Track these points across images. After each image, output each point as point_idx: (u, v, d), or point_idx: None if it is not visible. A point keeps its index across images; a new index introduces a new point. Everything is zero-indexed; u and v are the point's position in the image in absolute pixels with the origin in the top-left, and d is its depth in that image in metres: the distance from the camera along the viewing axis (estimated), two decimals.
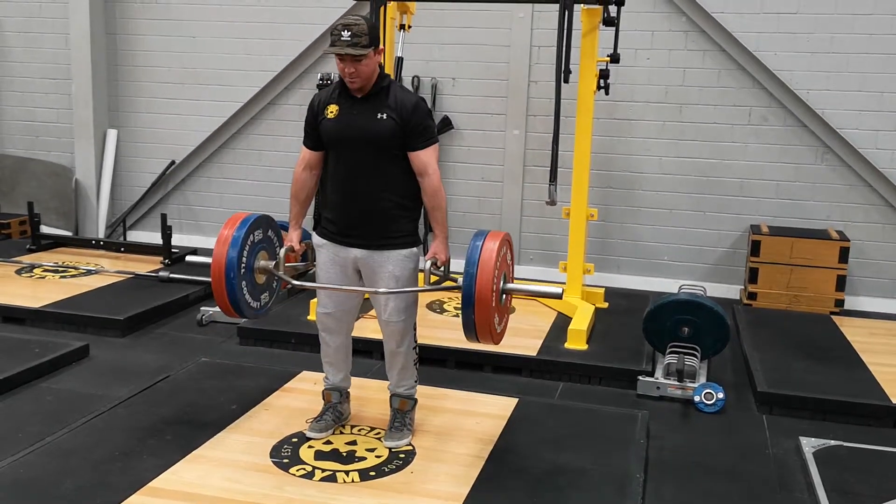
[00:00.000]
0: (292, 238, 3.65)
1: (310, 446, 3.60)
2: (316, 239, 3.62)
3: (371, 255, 3.47)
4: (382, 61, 3.46)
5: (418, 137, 3.38)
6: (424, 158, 3.40)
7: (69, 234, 7.67)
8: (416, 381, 3.72)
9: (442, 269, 3.47)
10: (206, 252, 7.32)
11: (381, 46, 3.37)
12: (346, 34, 3.24)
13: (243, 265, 3.48)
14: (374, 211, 3.44)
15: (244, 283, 3.50)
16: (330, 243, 3.55)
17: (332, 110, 3.43)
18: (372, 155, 3.40)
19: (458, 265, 3.29)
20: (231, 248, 3.43)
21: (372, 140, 3.38)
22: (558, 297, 3.39)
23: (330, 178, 3.54)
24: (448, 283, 3.47)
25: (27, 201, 7.15)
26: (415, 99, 3.42)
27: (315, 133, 3.51)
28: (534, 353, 4.85)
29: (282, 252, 3.61)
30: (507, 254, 3.37)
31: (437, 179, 3.43)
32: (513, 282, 3.43)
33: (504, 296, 3.35)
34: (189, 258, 3.85)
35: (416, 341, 3.63)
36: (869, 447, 3.87)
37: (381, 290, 3.46)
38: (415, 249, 3.54)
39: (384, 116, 3.36)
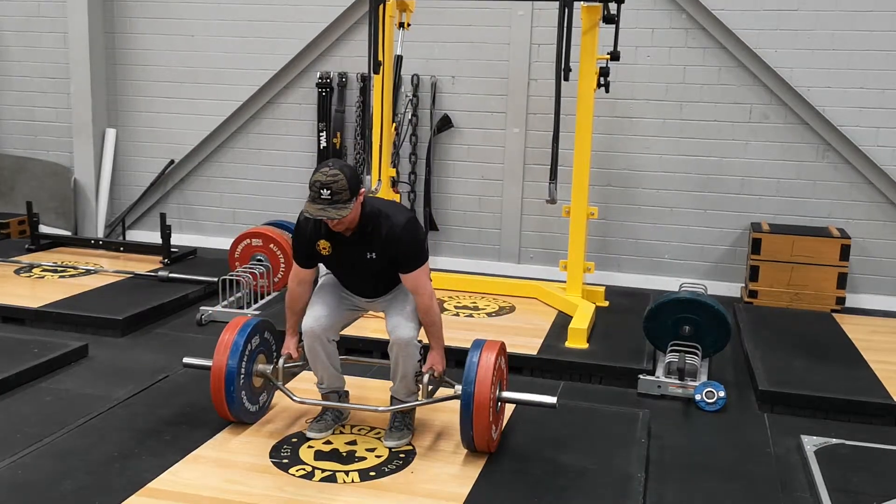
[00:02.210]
0: (290, 346, 3.77)
1: (309, 446, 3.59)
2: (327, 277, 3.75)
3: (380, 299, 3.72)
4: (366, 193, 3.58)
5: (407, 263, 3.49)
6: (414, 280, 3.51)
7: (68, 233, 7.66)
8: (416, 391, 3.71)
9: (439, 379, 3.62)
10: (206, 252, 7.33)
11: (363, 189, 3.38)
12: (325, 193, 3.24)
13: (243, 373, 3.61)
14: (378, 290, 3.68)
15: (243, 392, 3.64)
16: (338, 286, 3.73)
17: (325, 247, 3.53)
18: (370, 276, 3.60)
19: (456, 264, 3.28)
20: (231, 358, 3.56)
21: (366, 270, 3.55)
22: (552, 406, 3.54)
23: (334, 274, 3.73)
24: (446, 392, 3.62)
25: (26, 201, 7.14)
26: (399, 230, 3.43)
27: (308, 257, 3.61)
28: (534, 352, 4.84)
29: (280, 362, 3.73)
30: (501, 362, 3.54)
31: (429, 298, 3.54)
32: (507, 388, 3.62)
33: (499, 403, 3.55)
34: (186, 360, 3.85)
35: (420, 354, 3.63)
36: (870, 445, 3.85)
37: (380, 408, 3.67)
38: None
39: (373, 256, 3.48)
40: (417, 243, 3.49)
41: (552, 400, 3.53)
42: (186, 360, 3.86)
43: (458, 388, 3.41)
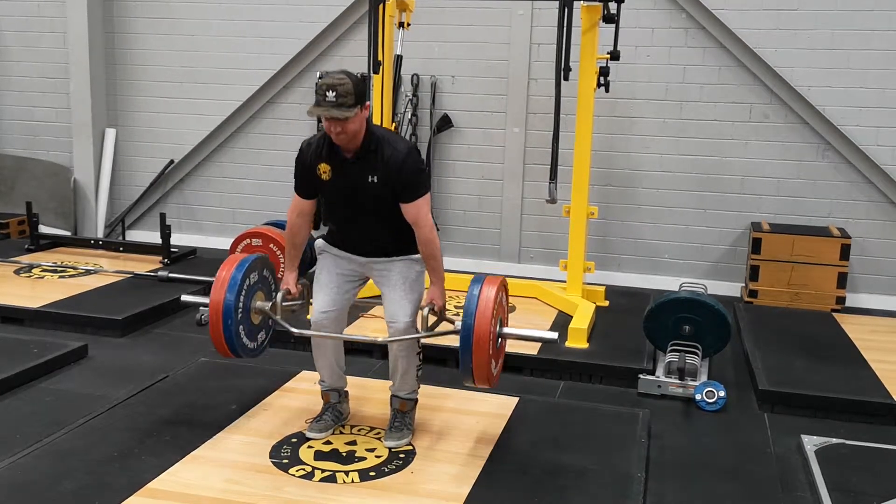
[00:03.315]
0: (289, 281, 3.70)
1: (309, 446, 3.59)
2: (320, 243, 3.67)
3: (378, 260, 3.56)
4: (372, 107, 3.47)
5: (409, 192, 3.41)
6: (415, 210, 3.43)
7: (68, 233, 7.66)
8: (417, 387, 3.71)
9: (439, 313, 3.53)
10: (206, 252, 7.33)
11: (368, 101, 3.35)
12: (330, 94, 3.22)
13: (240, 309, 3.53)
14: (377, 242, 3.55)
15: (241, 326, 3.56)
16: (334, 249, 3.62)
17: (325, 170, 3.46)
18: (368, 208, 3.48)
19: (456, 263, 3.28)
20: (229, 292, 3.47)
21: (366, 199, 3.45)
22: (554, 342, 3.51)
23: (331, 215, 3.63)
24: (446, 326, 3.53)
25: (26, 201, 7.14)
26: (402, 156, 3.39)
27: (308, 185, 3.55)
28: (534, 352, 4.83)
29: (279, 296, 3.65)
30: (503, 298, 3.47)
31: (430, 230, 3.46)
32: (508, 325, 3.53)
33: (500, 339, 3.46)
34: (185, 297, 3.85)
35: (419, 347, 3.62)
36: (871, 445, 3.85)
37: (378, 338, 3.57)
38: (419, 256, 3.57)
39: (374, 179, 3.40)
40: (419, 171, 3.43)
41: (553, 335, 3.47)
42: (184, 297, 3.85)
43: (459, 324, 3.30)
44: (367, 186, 3.41)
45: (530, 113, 6.86)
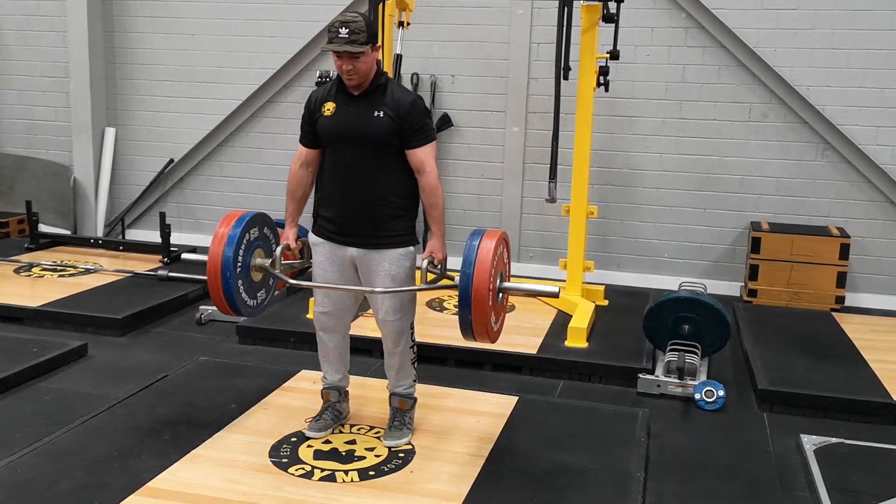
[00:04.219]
0: (289, 236, 3.64)
1: (309, 446, 3.59)
2: (312, 237, 3.61)
3: (367, 254, 3.46)
4: (380, 58, 3.44)
5: (415, 135, 3.36)
6: (422, 156, 3.38)
7: (67, 232, 7.66)
8: (414, 381, 3.71)
9: (439, 267, 3.45)
10: (206, 251, 7.33)
11: (379, 44, 3.35)
12: (343, 31, 3.22)
13: (239, 263, 3.46)
14: (372, 209, 3.43)
15: (240, 281, 3.48)
16: (326, 242, 3.54)
17: (329, 108, 3.42)
18: (369, 153, 3.38)
19: (456, 263, 3.28)
20: (227, 247, 3.41)
21: (369, 137, 3.36)
22: (555, 295, 3.43)
23: (327, 176, 3.52)
24: (445, 282, 3.44)
25: (25, 200, 7.14)
26: (412, 97, 3.41)
27: (312, 130, 3.50)
28: (534, 351, 4.84)
29: (278, 250, 3.60)
30: (503, 252, 3.36)
31: (435, 177, 3.40)
32: (509, 280, 3.43)
33: (501, 294, 3.35)
34: (185, 256, 3.83)
35: (413, 340, 3.62)
36: (870, 444, 3.85)
37: (377, 289, 3.45)
38: (411, 248, 3.51)
39: (381, 114, 3.34)
40: (426, 116, 3.42)
41: (555, 289, 3.43)
42: (186, 256, 3.84)
43: (458, 278, 3.19)
44: (373, 121, 3.34)
45: (530, 112, 6.86)
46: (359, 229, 3.45)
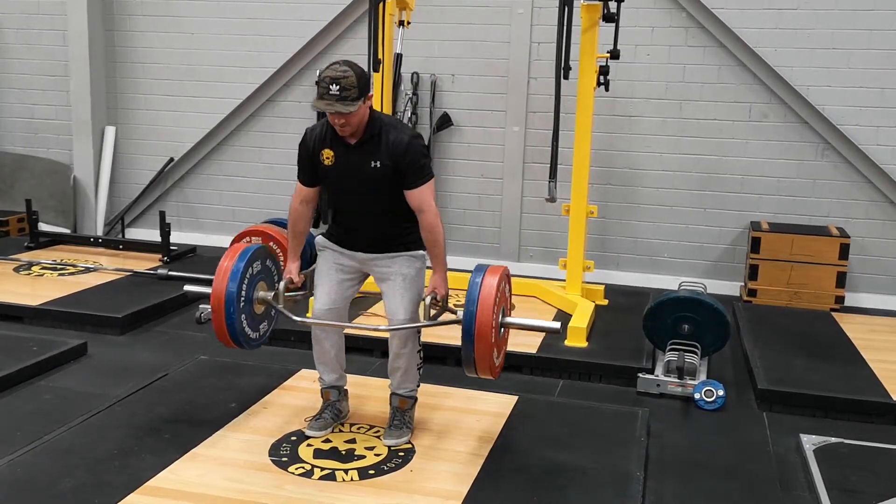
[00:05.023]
0: (291, 270, 3.68)
1: (309, 444, 3.59)
2: (320, 240, 3.65)
3: (378, 257, 3.54)
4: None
5: (413, 176, 3.40)
6: (420, 196, 3.41)
7: (67, 231, 7.66)
8: (417, 385, 3.71)
9: (441, 302, 3.50)
10: (206, 250, 7.33)
11: (371, 92, 3.34)
12: (334, 88, 3.20)
13: (243, 298, 3.52)
14: (381, 231, 3.53)
15: (244, 315, 3.55)
16: (335, 245, 3.61)
17: (329, 156, 3.45)
18: (373, 196, 3.47)
19: (456, 262, 3.28)
20: (231, 282, 3.47)
21: (370, 186, 3.43)
22: (556, 331, 3.49)
23: (332, 205, 3.62)
24: (448, 317, 3.50)
25: (25, 199, 7.14)
26: (407, 140, 3.38)
27: (312, 171, 3.54)
28: (534, 351, 4.84)
29: (281, 285, 3.64)
30: (505, 288, 3.44)
31: (433, 216, 3.44)
32: (511, 315, 3.50)
33: (503, 329, 3.44)
34: (188, 288, 3.83)
35: (420, 345, 3.63)
36: (870, 444, 3.85)
37: (381, 326, 3.54)
38: (421, 252, 3.58)
39: (377, 164, 3.38)
40: (423, 156, 3.42)
41: (556, 325, 3.47)
42: (187, 287, 3.83)
43: (461, 313, 3.28)
44: (370, 171, 3.39)
45: (530, 112, 6.86)
46: (369, 245, 3.55)
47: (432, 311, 3.44)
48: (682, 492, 3.45)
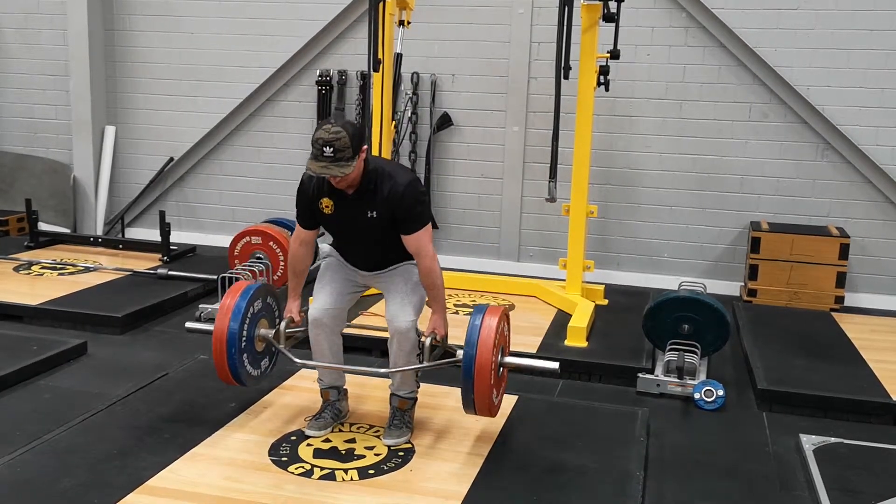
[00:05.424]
0: (292, 309, 3.73)
1: (308, 444, 3.59)
2: (326, 248, 3.72)
3: (380, 272, 3.64)
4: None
5: (409, 224, 3.44)
6: (417, 241, 3.46)
7: (67, 231, 7.66)
8: (417, 386, 3.71)
9: (441, 342, 3.57)
10: (206, 249, 7.32)
11: (365, 146, 3.36)
12: (328, 150, 3.22)
13: (244, 337, 3.57)
14: (379, 258, 3.62)
15: (245, 354, 3.60)
16: (340, 257, 3.69)
17: (327, 205, 3.50)
18: (371, 239, 3.54)
19: (455, 262, 3.28)
20: (232, 321, 3.52)
21: (367, 232, 3.51)
22: (555, 372, 3.55)
23: (335, 239, 3.70)
24: (448, 358, 3.57)
25: (25, 198, 7.14)
26: (402, 187, 3.40)
27: (310, 217, 3.59)
28: (534, 351, 4.84)
29: (282, 325, 3.69)
30: (504, 328, 3.50)
31: (430, 260, 3.48)
32: (509, 353, 3.57)
33: (501, 369, 3.51)
34: (188, 325, 3.86)
35: (420, 349, 3.63)
36: (869, 444, 3.85)
37: (380, 370, 3.62)
38: None
39: (374, 214, 3.44)
40: (420, 203, 3.45)
41: (554, 366, 3.51)
42: (189, 324, 3.85)
43: (460, 353, 3.36)
44: (368, 221, 3.46)
45: (530, 111, 6.86)
46: (371, 267, 3.65)
47: (432, 351, 3.52)
48: (682, 491, 3.45)
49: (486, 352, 3.30)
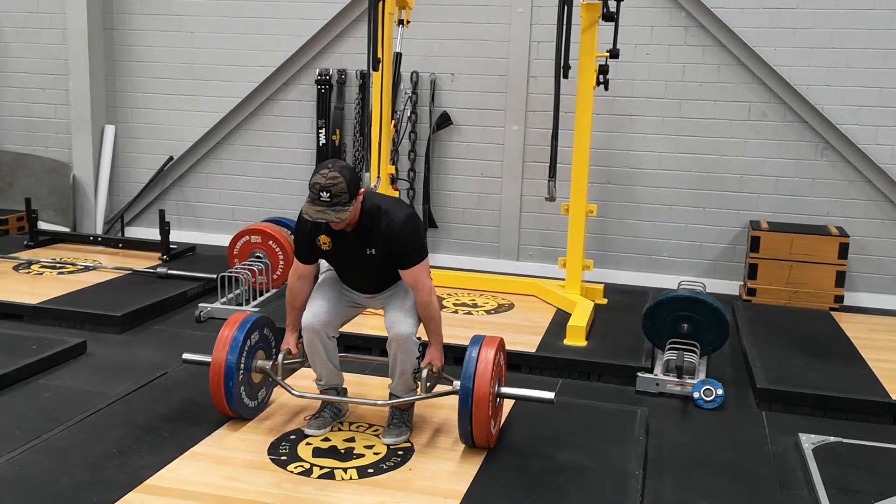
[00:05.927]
0: (290, 342, 3.76)
1: (308, 443, 3.59)
2: (325, 263, 3.73)
3: (379, 294, 3.70)
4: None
5: (406, 259, 3.49)
6: (414, 276, 3.51)
7: (67, 230, 7.66)
8: (415, 388, 3.71)
9: (438, 374, 3.62)
10: (205, 248, 7.33)
11: (362, 189, 3.39)
12: (325, 196, 3.25)
13: (241, 369, 3.60)
14: (377, 284, 3.67)
15: (242, 388, 3.63)
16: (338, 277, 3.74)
17: (326, 242, 3.54)
18: (369, 272, 3.60)
19: (455, 261, 3.28)
20: (230, 354, 3.56)
21: (366, 266, 3.56)
22: (551, 402, 3.56)
23: (335, 270, 3.73)
24: (446, 388, 3.62)
25: (25, 197, 7.15)
26: (399, 224, 3.43)
27: (308, 252, 3.62)
28: (533, 350, 4.84)
29: (280, 357, 3.71)
30: (500, 358, 3.55)
31: (428, 293, 3.53)
32: (505, 383, 3.62)
33: (498, 399, 3.56)
34: (186, 356, 3.86)
35: (419, 351, 3.64)
36: (868, 444, 3.86)
37: (378, 402, 3.66)
38: None
39: (373, 252, 3.48)
40: (417, 239, 3.50)
41: (550, 395, 3.54)
42: (186, 355, 3.86)
43: (457, 383, 3.42)
44: (366, 258, 3.51)
45: (529, 111, 6.86)
46: (369, 291, 3.70)
47: (428, 383, 3.57)
48: (681, 490, 3.45)
49: (483, 385, 3.35)
